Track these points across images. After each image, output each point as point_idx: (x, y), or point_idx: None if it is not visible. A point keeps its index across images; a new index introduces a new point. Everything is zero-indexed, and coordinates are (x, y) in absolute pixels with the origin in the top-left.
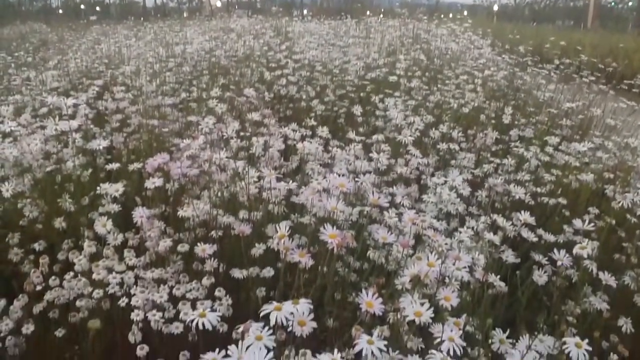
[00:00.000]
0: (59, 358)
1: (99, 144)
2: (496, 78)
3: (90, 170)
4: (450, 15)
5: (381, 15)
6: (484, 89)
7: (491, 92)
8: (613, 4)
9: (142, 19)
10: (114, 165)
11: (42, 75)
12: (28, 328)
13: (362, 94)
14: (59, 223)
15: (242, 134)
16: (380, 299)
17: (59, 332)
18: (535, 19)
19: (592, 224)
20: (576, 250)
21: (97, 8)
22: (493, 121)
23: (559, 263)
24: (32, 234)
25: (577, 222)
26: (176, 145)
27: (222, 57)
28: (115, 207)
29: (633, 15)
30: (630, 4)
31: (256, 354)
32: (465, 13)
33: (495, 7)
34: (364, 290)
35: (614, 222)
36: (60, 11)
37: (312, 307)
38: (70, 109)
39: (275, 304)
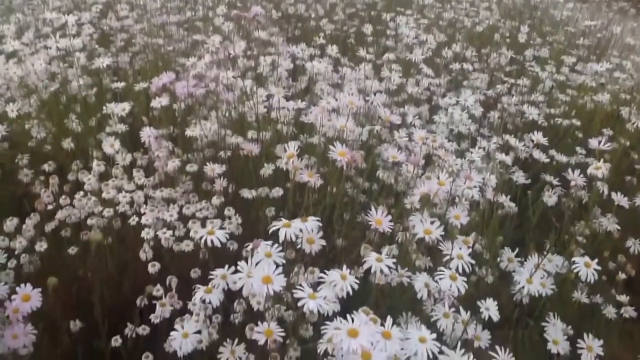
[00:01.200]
0: (72, 275)
1: (103, 62)
2: None
3: (95, 90)
4: None
5: None
6: (499, 7)
7: (506, 10)
8: None
9: None
10: (120, 85)
11: None
12: (41, 246)
13: (372, 13)
14: (68, 144)
15: (249, 53)
16: (389, 217)
17: (72, 250)
18: None
19: (607, 145)
20: (590, 170)
21: None
22: (508, 40)
23: (572, 183)
24: (41, 155)
25: (593, 142)
26: (182, 64)
27: None
28: (122, 127)
29: None
30: None
31: (265, 269)
32: None
33: None
34: (373, 208)
35: (627, 144)
36: None
37: (320, 225)
38: (73, 28)
39: (284, 221)
